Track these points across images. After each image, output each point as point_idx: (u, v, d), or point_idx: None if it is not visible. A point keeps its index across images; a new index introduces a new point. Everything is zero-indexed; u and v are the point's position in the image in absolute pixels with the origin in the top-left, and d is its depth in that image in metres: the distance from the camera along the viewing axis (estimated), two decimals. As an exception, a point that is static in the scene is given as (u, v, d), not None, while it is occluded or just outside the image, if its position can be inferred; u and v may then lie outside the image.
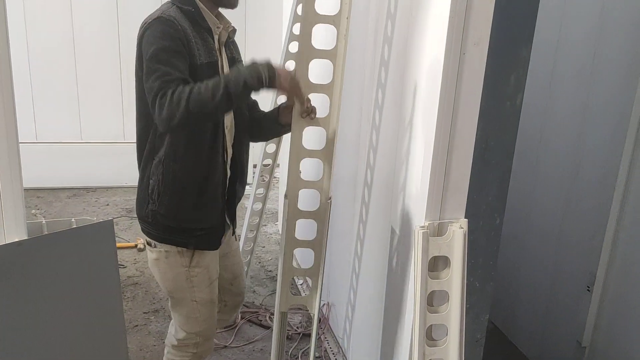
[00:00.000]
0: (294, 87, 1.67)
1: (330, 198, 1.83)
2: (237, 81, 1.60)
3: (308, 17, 1.68)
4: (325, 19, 1.70)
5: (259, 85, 1.61)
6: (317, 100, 1.80)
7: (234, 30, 1.95)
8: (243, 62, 1.98)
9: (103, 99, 5.03)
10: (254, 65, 1.63)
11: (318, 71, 1.79)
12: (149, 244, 1.91)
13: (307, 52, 1.71)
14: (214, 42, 1.83)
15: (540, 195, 3.08)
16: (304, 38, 1.70)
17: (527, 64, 1.78)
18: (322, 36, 1.80)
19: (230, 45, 1.96)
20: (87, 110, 5.03)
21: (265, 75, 1.60)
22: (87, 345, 1.62)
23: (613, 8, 2.51)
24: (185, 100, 1.57)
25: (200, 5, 1.80)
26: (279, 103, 2.09)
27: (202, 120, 1.71)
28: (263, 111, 2.09)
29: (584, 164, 2.74)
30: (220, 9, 1.89)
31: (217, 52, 1.85)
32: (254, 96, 1.73)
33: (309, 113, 1.75)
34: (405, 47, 1.93)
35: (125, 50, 4.94)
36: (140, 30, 1.75)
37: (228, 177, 1.96)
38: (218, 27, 1.85)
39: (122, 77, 5.00)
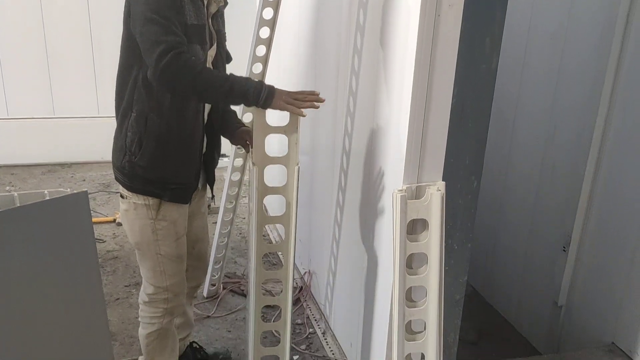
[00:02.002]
0: (287, 107, 1.75)
1: (298, 164, 1.83)
2: (242, 86, 1.71)
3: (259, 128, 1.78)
4: (276, 130, 1.80)
5: (254, 100, 1.71)
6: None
7: (225, 4, 1.98)
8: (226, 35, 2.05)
9: (74, 72, 4.91)
10: (260, 82, 1.74)
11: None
12: (121, 196, 1.96)
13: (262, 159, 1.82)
14: (203, 6, 1.85)
15: (516, 158, 3.11)
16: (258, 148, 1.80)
17: (502, 26, 1.77)
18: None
19: (219, 18, 1.98)
20: (58, 84, 4.91)
21: (264, 96, 1.71)
22: (66, 317, 1.60)
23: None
24: (197, 74, 1.67)
25: None
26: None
27: (196, 96, 1.79)
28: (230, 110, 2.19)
29: (559, 127, 2.77)
30: None
31: (205, 18, 1.85)
32: (245, 107, 1.87)
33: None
34: (380, 10, 1.91)
35: (95, 22, 4.81)
36: None
37: (205, 141, 2.02)
38: None
39: (93, 49, 4.88)
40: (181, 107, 1.84)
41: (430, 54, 1.61)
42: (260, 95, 1.71)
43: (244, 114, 2.65)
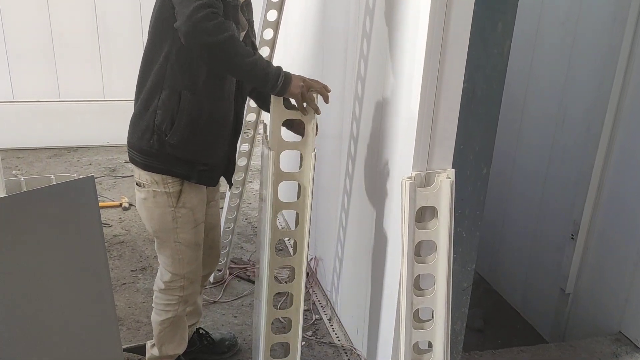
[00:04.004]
0: (300, 100, 1.72)
1: (314, 151, 1.80)
2: (265, 66, 1.67)
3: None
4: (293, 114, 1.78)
5: (272, 84, 1.68)
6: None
7: None
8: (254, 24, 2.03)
9: (80, 55, 4.88)
10: (278, 67, 1.69)
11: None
12: (138, 184, 1.92)
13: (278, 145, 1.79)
14: None
15: (526, 143, 3.08)
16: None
17: (515, 10, 1.74)
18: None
19: (244, 7, 1.95)
20: (64, 67, 4.88)
21: (280, 82, 1.67)
22: (73, 303, 1.60)
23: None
24: (229, 37, 1.60)
25: None
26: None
27: (220, 60, 1.67)
28: None
29: (570, 111, 2.74)
30: None
31: (239, 1, 1.84)
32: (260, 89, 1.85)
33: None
34: (390, -7, 1.87)
35: (101, 5, 4.78)
36: None
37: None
38: None
39: (99, 32, 4.85)
40: (215, 85, 1.82)
41: (442, 38, 1.58)
42: (277, 81, 1.67)
43: (248, 114, 2.63)
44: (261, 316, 1.95)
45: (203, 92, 1.80)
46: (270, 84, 1.68)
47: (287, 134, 1.83)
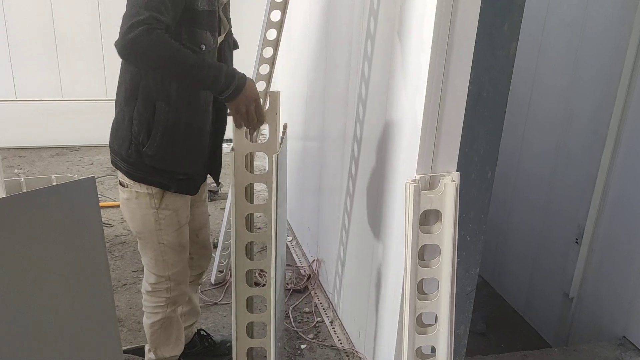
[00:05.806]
0: (248, 113, 1.69)
1: (277, 152, 1.77)
2: (216, 77, 1.61)
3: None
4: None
5: (219, 94, 1.64)
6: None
7: None
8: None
9: (83, 55, 4.89)
10: (231, 76, 1.64)
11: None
12: (121, 184, 1.91)
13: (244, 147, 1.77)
14: None
15: (530, 147, 3.06)
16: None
17: (522, 11, 1.72)
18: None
19: (227, 6, 1.92)
20: (66, 67, 4.89)
21: (233, 88, 1.63)
22: (73, 304, 1.59)
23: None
24: (170, 51, 1.56)
25: None
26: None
27: (166, 74, 1.68)
28: None
29: (576, 113, 2.72)
30: None
31: (217, 5, 1.80)
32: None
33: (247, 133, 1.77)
34: (395, -6, 1.86)
35: (103, 4, 4.77)
36: None
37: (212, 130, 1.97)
38: None
39: (101, 32, 4.84)
40: (191, 95, 1.79)
41: (448, 39, 1.56)
42: (226, 90, 1.63)
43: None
44: (232, 319, 1.92)
45: (178, 102, 1.77)
46: (217, 93, 1.65)
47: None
